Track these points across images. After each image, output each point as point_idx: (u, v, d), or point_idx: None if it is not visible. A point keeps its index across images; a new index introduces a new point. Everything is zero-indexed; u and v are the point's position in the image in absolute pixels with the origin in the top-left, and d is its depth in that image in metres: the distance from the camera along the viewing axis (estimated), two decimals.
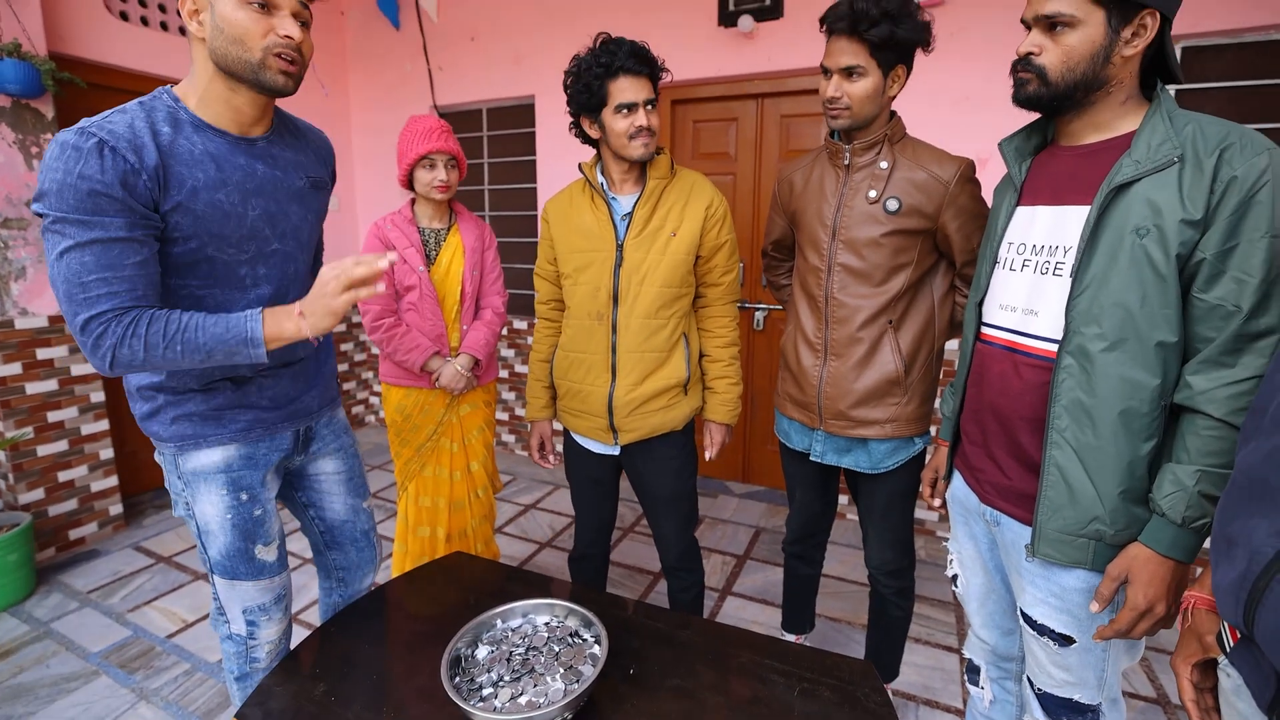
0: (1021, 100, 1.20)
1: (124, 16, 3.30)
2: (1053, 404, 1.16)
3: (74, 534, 3.04)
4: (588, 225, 1.79)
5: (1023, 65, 1.17)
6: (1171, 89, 2.59)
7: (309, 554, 2.79)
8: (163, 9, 3.47)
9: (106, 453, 3.15)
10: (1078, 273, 1.13)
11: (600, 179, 1.79)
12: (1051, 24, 1.12)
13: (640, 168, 1.77)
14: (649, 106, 1.66)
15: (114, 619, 2.55)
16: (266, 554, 1.48)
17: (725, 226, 1.81)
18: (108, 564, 2.94)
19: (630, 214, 1.76)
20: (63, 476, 2.99)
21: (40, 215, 1.13)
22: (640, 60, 1.63)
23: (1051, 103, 1.17)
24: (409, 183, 2.26)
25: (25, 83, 2.66)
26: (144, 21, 3.39)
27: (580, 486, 2.01)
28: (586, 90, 1.66)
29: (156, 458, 1.46)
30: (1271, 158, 1.01)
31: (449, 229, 2.34)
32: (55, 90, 2.80)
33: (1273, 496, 0.74)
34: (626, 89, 1.63)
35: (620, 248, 1.75)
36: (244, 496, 1.43)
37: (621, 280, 1.75)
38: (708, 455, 1.91)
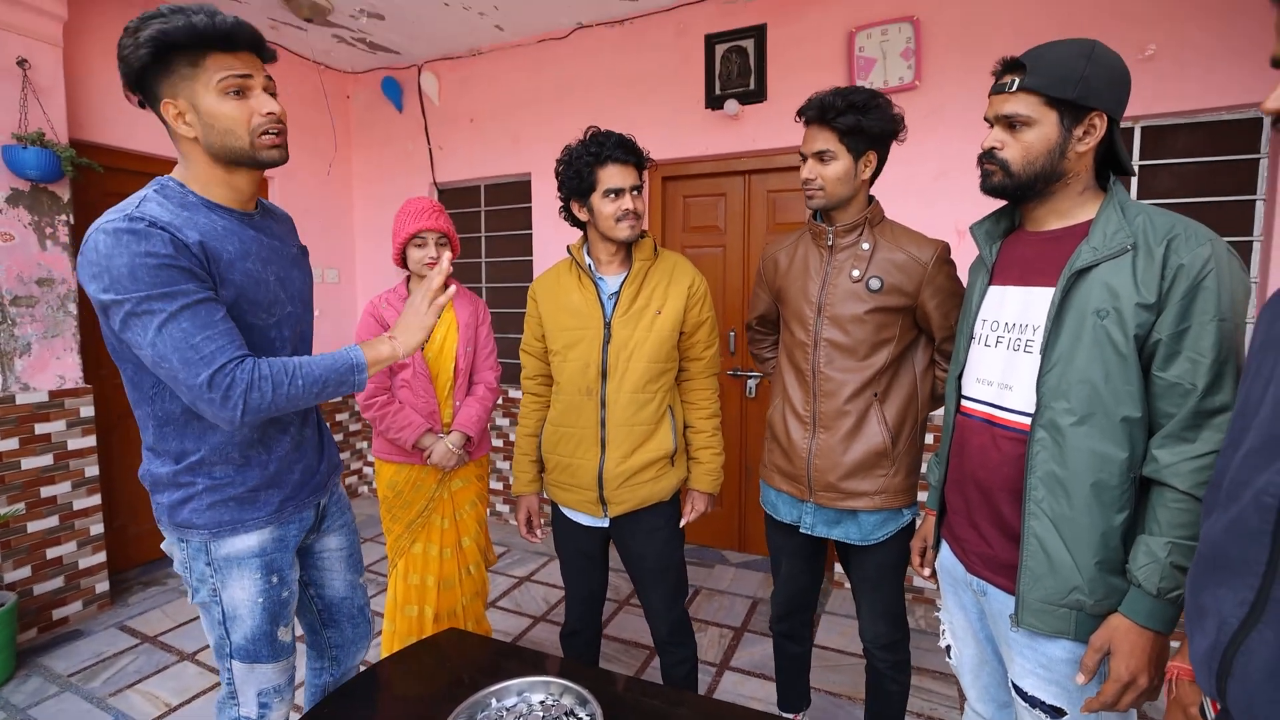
0: (988, 189, 1.30)
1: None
2: (1029, 475, 1.20)
3: (58, 613, 2.98)
4: (575, 304, 1.86)
5: (987, 158, 1.28)
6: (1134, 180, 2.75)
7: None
8: None
9: (97, 528, 3.12)
10: (1046, 350, 1.20)
11: (587, 260, 1.88)
12: (1011, 123, 1.23)
13: (626, 249, 1.86)
14: (634, 192, 1.77)
15: (95, 704, 2.48)
16: (286, 635, 1.50)
17: (706, 304, 1.90)
18: (90, 645, 2.87)
19: (617, 293, 1.83)
20: (51, 553, 2.95)
21: (112, 304, 1.18)
22: (627, 150, 1.76)
23: (1015, 192, 1.27)
24: (403, 261, 2.33)
25: (45, 169, 2.78)
26: None
27: (569, 560, 2.01)
28: (577, 176, 1.77)
29: (170, 548, 1.45)
30: (1214, 248, 1.09)
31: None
32: (73, 175, 2.91)
33: (1234, 567, 0.77)
34: (614, 175, 1.75)
35: (608, 325, 1.82)
36: (275, 579, 1.45)
37: (610, 356, 1.82)
38: (683, 521, 1.94)
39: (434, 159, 4.40)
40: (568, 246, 1.91)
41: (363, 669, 1.74)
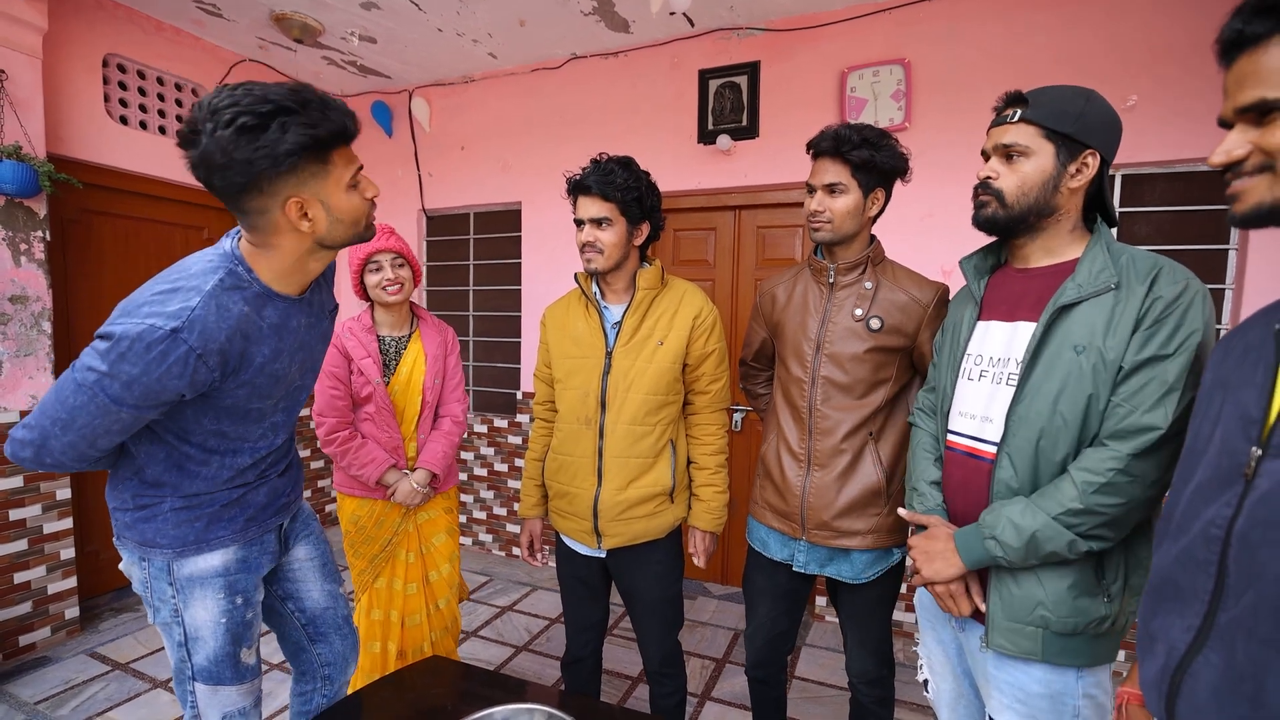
0: (980, 221, 1.33)
1: (124, 121, 3.43)
2: (993, 497, 1.25)
3: (25, 639, 2.89)
4: (580, 332, 1.86)
5: (982, 189, 1.31)
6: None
7: (274, 659, 2.68)
8: (162, 114, 3.61)
9: (68, 552, 3.04)
10: (1020, 382, 1.24)
11: (595, 288, 1.87)
12: (1009, 153, 1.27)
13: (632, 278, 1.84)
14: (599, 224, 1.73)
15: None
16: (249, 657, 1.49)
17: (713, 336, 1.85)
18: (59, 672, 2.78)
19: (620, 322, 1.82)
20: (19, 578, 2.86)
21: (91, 357, 1.14)
22: (598, 180, 1.71)
23: (1007, 224, 1.30)
24: (364, 292, 2.26)
25: (21, 183, 2.72)
26: (143, 125, 3.51)
27: (570, 588, 1.99)
28: (573, 203, 1.79)
29: (130, 567, 1.44)
30: (1191, 284, 1.15)
31: (410, 335, 2.31)
32: (50, 190, 2.85)
33: (1183, 595, 0.81)
34: (580, 206, 1.76)
35: (609, 355, 1.81)
36: (239, 600, 1.45)
37: (609, 387, 1.80)
38: (695, 561, 1.90)
39: (423, 185, 4.41)
40: (575, 275, 1.89)
41: (344, 700, 1.70)
